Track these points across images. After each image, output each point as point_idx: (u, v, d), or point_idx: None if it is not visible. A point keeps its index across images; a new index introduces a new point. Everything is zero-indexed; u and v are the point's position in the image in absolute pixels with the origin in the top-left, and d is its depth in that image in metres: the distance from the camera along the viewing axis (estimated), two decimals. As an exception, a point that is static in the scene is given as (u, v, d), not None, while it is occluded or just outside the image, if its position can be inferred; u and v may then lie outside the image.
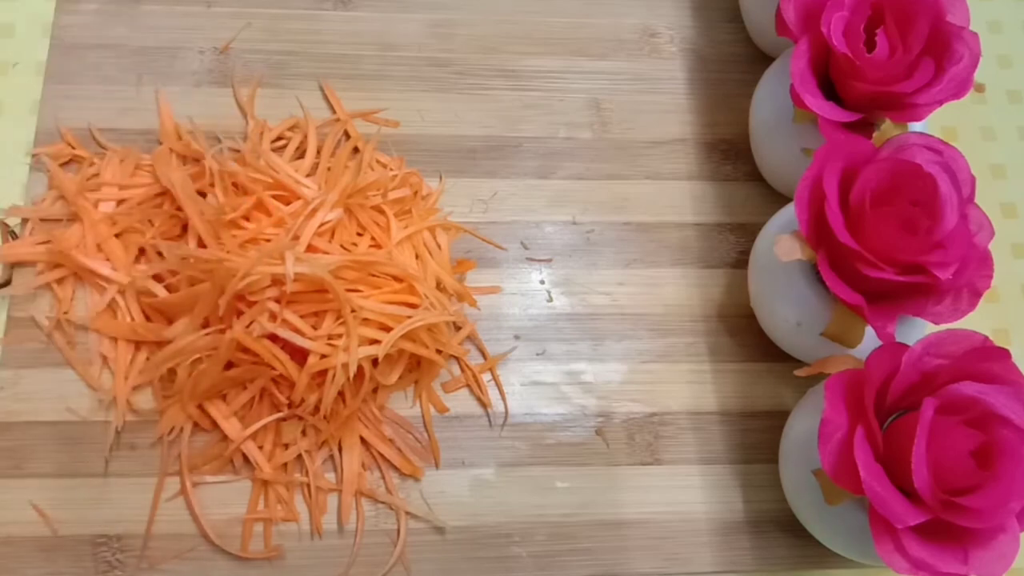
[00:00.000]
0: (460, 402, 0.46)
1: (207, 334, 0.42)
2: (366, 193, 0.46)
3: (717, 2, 0.57)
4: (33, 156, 0.48)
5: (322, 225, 0.44)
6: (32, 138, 0.48)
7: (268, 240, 0.44)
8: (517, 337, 0.48)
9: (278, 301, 0.42)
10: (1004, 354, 0.38)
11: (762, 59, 0.54)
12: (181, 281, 0.43)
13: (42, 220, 0.46)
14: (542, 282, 0.49)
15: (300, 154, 0.49)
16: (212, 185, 0.45)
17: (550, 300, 0.49)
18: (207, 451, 0.43)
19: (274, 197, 0.45)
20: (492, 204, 0.50)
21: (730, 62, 0.56)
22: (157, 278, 0.44)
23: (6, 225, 0.46)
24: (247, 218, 0.45)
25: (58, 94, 0.49)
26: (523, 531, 0.44)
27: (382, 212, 0.47)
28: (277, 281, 0.41)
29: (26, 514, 0.42)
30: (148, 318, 0.44)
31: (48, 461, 0.43)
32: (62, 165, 0.47)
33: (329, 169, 0.47)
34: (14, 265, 0.45)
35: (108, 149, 0.48)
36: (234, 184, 0.45)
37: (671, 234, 0.51)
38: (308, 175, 0.47)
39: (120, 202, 0.46)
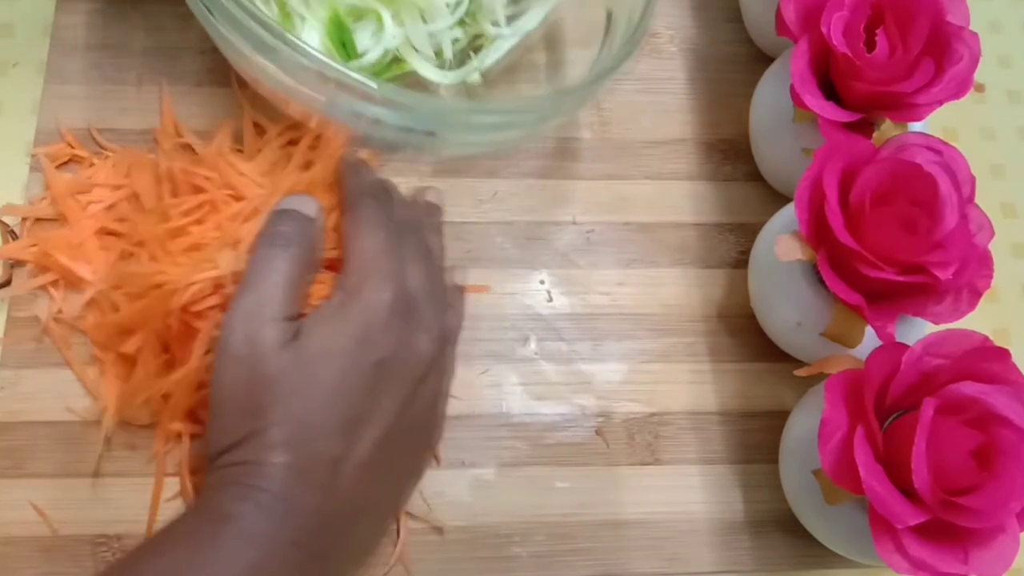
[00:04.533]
0: (460, 402, 0.46)
1: (162, 376, 0.40)
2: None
3: (717, 2, 0.57)
4: (33, 156, 0.47)
5: None
6: (32, 138, 0.48)
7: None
8: (517, 337, 0.48)
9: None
10: (1004, 354, 0.38)
11: (762, 59, 0.54)
12: (130, 297, 0.41)
13: (39, 220, 0.46)
14: (542, 282, 0.49)
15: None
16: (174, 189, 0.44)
17: (550, 300, 0.49)
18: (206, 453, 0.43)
19: (233, 198, 0.43)
20: (492, 204, 0.50)
21: (730, 62, 0.56)
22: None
23: (6, 225, 0.46)
24: (200, 222, 0.42)
25: (58, 94, 0.49)
26: (523, 531, 0.44)
27: None
28: (219, 286, 0.39)
29: (26, 514, 0.42)
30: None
31: (48, 461, 0.42)
32: (63, 165, 0.47)
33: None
34: (14, 265, 0.45)
35: (108, 149, 0.48)
36: (194, 186, 0.44)
37: (671, 234, 0.51)
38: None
39: (112, 205, 0.45)
